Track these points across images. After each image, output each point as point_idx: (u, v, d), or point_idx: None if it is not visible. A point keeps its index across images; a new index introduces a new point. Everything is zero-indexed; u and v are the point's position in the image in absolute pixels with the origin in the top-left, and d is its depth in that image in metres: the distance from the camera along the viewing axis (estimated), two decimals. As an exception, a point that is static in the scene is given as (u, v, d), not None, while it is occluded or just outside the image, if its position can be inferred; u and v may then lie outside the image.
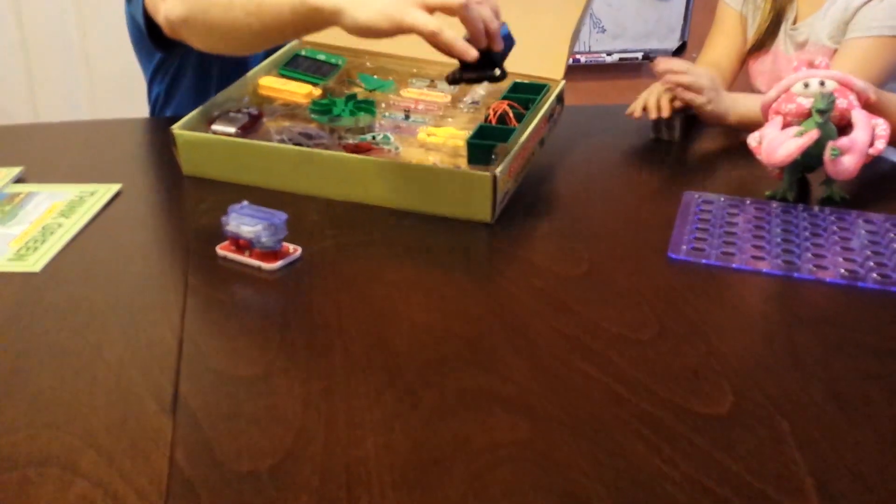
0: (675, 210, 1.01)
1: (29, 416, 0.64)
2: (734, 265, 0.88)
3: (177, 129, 1.08)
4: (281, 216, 0.87)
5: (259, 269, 0.86)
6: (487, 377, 0.68)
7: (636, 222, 1.00)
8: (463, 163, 1.07)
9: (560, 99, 1.21)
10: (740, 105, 1.23)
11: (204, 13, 1.01)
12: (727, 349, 0.73)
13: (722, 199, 1.04)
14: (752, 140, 1.07)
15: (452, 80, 0.96)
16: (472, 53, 0.89)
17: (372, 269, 0.87)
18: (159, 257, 0.89)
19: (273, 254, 0.87)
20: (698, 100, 1.20)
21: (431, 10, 0.85)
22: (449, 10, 0.84)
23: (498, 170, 0.98)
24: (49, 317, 0.78)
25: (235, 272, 0.86)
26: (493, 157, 1.03)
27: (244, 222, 0.86)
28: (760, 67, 1.39)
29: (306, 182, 1.06)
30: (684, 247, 0.90)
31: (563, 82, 1.22)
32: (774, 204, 1.03)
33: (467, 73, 0.95)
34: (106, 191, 1.05)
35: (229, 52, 1.10)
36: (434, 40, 0.84)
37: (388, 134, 1.14)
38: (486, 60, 0.93)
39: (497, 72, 0.94)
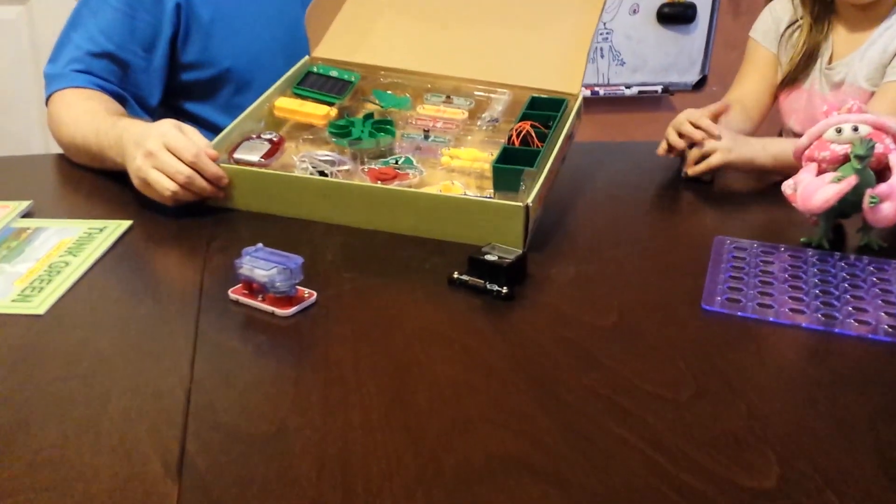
0: (707, 255, 0.97)
1: (29, 476, 0.60)
2: (771, 318, 0.83)
3: None
4: (296, 260, 0.83)
5: (272, 314, 0.82)
6: (515, 441, 0.64)
7: (666, 268, 0.96)
8: (488, 185, 1.04)
9: (579, 114, 1.18)
10: (770, 147, 1.19)
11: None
12: (769, 411, 0.69)
13: (755, 245, 1.00)
14: (787, 188, 1.03)
15: (454, 281, 0.89)
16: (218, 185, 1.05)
17: (391, 316, 0.83)
18: (169, 299, 0.86)
19: (287, 299, 0.83)
20: (715, 146, 1.17)
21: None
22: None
23: (529, 199, 0.95)
24: (54, 364, 0.74)
25: (248, 317, 0.82)
26: (521, 182, 1.00)
27: (258, 266, 0.83)
28: (794, 105, 1.35)
29: (333, 212, 1.03)
30: (718, 298, 0.86)
31: (582, 96, 1.19)
32: (810, 251, 0.99)
33: (473, 278, 0.88)
34: (116, 227, 1.02)
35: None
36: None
37: (410, 157, 1.11)
38: (499, 272, 0.87)
39: (504, 289, 0.86)
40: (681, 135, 1.21)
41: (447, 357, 0.76)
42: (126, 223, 1.03)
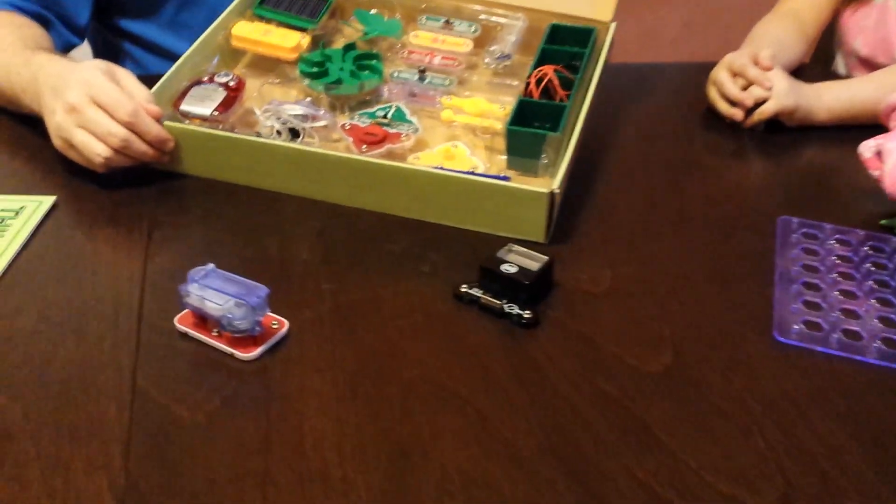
0: (770, 243, 0.79)
1: None
2: (859, 357, 0.66)
3: None
4: (259, 292, 0.64)
5: (232, 356, 0.65)
6: (555, 588, 0.49)
7: (723, 266, 0.77)
8: (500, 145, 0.84)
9: (612, 49, 0.96)
10: (826, 96, 0.98)
11: None
12: (881, 526, 0.53)
13: (828, 228, 0.82)
14: (867, 150, 0.83)
15: (462, 296, 0.71)
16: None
17: (383, 357, 0.65)
18: (99, 333, 0.67)
19: (250, 338, 0.65)
20: (767, 95, 0.96)
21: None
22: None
23: (556, 184, 0.75)
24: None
25: (199, 360, 0.64)
26: (542, 150, 0.81)
27: (209, 297, 0.64)
28: (861, 23, 1.12)
29: (307, 186, 0.83)
30: (795, 326, 0.69)
31: (614, 25, 0.97)
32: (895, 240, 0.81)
33: (486, 295, 0.70)
34: (36, 207, 0.82)
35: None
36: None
37: (402, 106, 0.90)
38: (519, 289, 0.69)
39: (528, 314, 0.68)
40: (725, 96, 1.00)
41: (459, 431, 0.59)
42: (49, 200, 0.83)
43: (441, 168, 0.81)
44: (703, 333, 0.69)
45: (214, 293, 0.64)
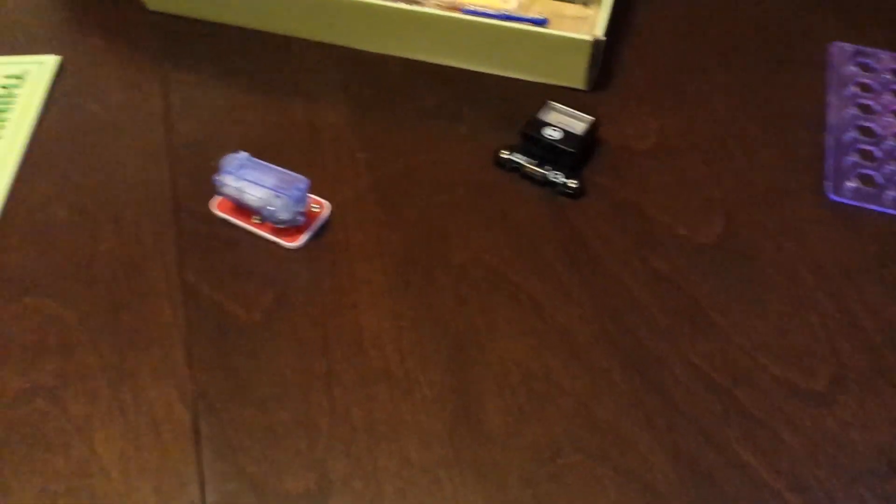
0: (823, 77, 0.75)
1: None
2: (916, 212, 0.65)
3: None
4: (299, 184, 0.61)
5: (276, 245, 0.64)
6: (621, 485, 0.51)
7: (773, 110, 0.73)
8: None
9: None
10: None
11: None
12: (928, 404, 0.55)
13: (884, 57, 0.77)
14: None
15: (504, 163, 0.68)
16: None
17: (430, 240, 0.64)
18: (136, 221, 0.65)
19: (294, 226, 0.63)
20: None
21: None
22: None
23: (599, 29, 0.70)
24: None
25: (244, 252, 0.63)
26: None
27: (246, 189, 0.62)
28: None
29: (324, 30, 0.78)
30: (849, 183, 0.66)
31: None
32: (956, 69, 0.76)
33: (529, 160, 0.67)
34: (40, 70, 0.76)
35: None
36: None
37: None
38: (564, 156, 0.66)
39: (573, 184, 0.66)
40: None
41: (513, 321, 0.59)
42: (52, 61, 0.77)
43: (471, 11, 0.74)
44: (755, 194, 0.67)
45: (251, 185, 0.61)
